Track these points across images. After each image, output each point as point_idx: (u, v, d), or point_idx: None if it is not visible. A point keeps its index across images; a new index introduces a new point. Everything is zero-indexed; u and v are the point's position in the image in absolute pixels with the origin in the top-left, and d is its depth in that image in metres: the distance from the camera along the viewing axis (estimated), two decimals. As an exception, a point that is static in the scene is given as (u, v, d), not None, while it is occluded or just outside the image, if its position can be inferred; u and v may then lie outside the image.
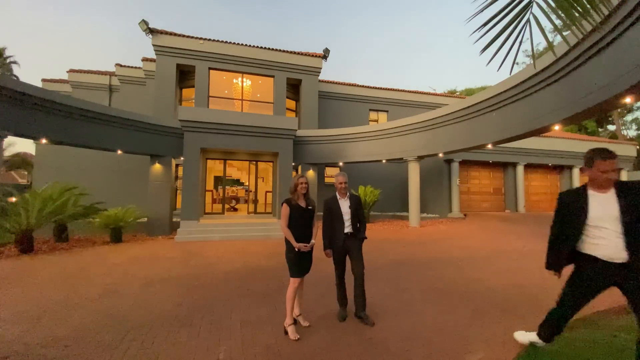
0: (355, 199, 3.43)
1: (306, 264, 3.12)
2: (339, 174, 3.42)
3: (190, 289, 4.35)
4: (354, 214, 3.34)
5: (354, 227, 3.34)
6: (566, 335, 2.85)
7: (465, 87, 36.98)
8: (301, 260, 3.06)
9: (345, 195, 3.40)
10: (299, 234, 3.06)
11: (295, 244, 2.99)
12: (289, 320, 2.96)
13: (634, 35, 4.33)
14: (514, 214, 14.06)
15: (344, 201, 3.38)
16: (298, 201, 3.14)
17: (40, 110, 7.35)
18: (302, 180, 3.18)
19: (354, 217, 3.34)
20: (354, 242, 3.29)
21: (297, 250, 3.00)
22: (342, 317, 3.28)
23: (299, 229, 3.08)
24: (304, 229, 3.11)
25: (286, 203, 3.10)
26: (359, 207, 3.41)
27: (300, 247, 2.99)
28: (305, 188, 3.17)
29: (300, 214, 3.11)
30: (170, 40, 11.63)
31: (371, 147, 11.65)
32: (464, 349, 2.71)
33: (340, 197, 3.41)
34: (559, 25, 1.64)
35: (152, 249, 7.48)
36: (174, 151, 10.19)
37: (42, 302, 3.78)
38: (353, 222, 3.34)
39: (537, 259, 6.22)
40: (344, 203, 3.38)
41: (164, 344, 2.77)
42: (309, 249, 3.07)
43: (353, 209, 3.35)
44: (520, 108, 7.15)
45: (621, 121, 27.14)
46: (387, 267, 5.60)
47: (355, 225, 3.36)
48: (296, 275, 3.05)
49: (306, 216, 3.14)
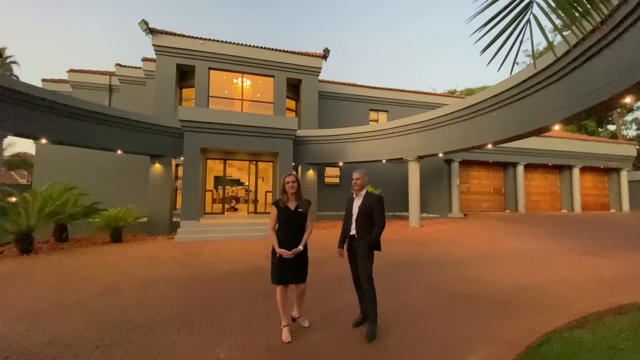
0: (369, 198, 3.09)
1: (288, 272, 2.84)
2: (356, 170, 3.21)
3: (190, 289, 4.35)
4: (362, 214, 3.04)
5: (360, 229, 3.03)
6: (566, 335, 2.85)
7: (466, 87, 36.98)
8: (283, 267, 2.80)
9: (360, 194, 3.16)
10: (285, 238, 2.83)
11: (277, 248, 2.78)
12: (282, 322, 2.89)
13: (633, 35, 4.33)
14: (514, 214, 14.06)
15: (357, 200, 3.16)
16: (288, 202, 2.90)
17: (40, 110, 7.34)
18: (289, 179, 2.90)
19: (362, 218, 3.03)
20: (360, 246, 3.01)
21: (278, 256, 2.79)
22: (355, 323, 3.12)
23: (286, 232, 2.85)
24: (293, 233, 2.86)
25: (274, 204, 2.93)
26: (374, 207, 3.03)
27: (282, 252, 2.75)
28: (294, 187, 2.89)
29: (288, 216, 2.87)
30: (170, 40, 11.63)
31: (371, 147, 11.65)
32: (464, 349, 2.70)
33: (355, 195, 3.20)
34: (559, 25, 1.64)
35: (152, 249, 7.47)
36: (174, 151, 10.19)
37: (42, 302, 3.78)
38: (359, 223, 3.04)
39: (538, 259, 6.23)
40: (356, 202, 3.16)
41: (164, 344, 2.77)
42: (291, 256, 2.76)
43: (362, 209, 3.05)
44: (520, 108, 7.15)
45: (621, 121, 27.14)
46: (387, 267, 5.60)
47: (363, 228, 3.02)
48: (275, 282, 2.84)
49: (295, 219, 2.87)
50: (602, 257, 6.27)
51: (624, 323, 3.06)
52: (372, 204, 3.03)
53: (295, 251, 2.78)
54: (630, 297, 3.91)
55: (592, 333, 2.90)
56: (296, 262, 2.83)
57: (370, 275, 2.96)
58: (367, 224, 3.01)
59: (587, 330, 2.96)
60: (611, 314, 3.39)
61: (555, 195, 16.69)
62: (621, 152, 16.35)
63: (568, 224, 10.92)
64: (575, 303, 3.75)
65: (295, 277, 2.88)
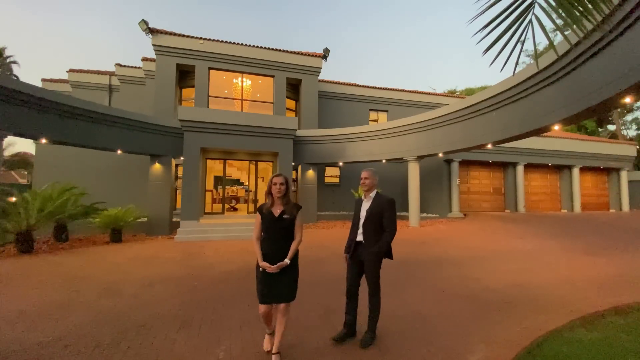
0: (380, 200, 2.79)
1: (272, 289, 2.41)
2: (365, 169, 2.91)
3: (190, 289, 4.35)
4: (371, 219, 2.75)
5: (367, 234, 2.74)
6: (565, 335, 2.85)
7: (466, 87, 36.98)
8: (266, 282, 2.40)
9: (369, 195, 2.87)
10: (269, 248, 2.44)
11: (260, 261, 2.42)
12: (266, 329, 2.68)
13: (633, 35, 4.33)
14: (513, 214, 14.06)
15: (365, 202, 2.87)
16: (272, 207, 2.53)
17: (40, 110, 7.34)
18: (277, 180, 2.51)
19: (370, 222, 2.75)
20: (368, 255, 2.73)
21: (261, 270, 2.42)
22: (337, 337, 2.75)
23: (271, 242, 2.47)
24: (278, 243, 2.47)
25: (258, 211, 2.56)
26: (384, 211, 2.73)
27: (264, 266, 2.38)
28: (282, 190, 2.49)
29: (272, 223, 2.48)
30: (170, 40, 11.63)
31: (371, 147, 11.66)
32: (464, 349, 2.70)
33: (364, 196, 2.91)
34: (561, 24, 1.64)
35: (152, 248, 7.47)
36: (174, 151, 10.19)
37: (42, 302, 3.78)
38: (367, 228, 2.75)
39: (537, 259, 6.23)
40: (364, 204, 2.86)
41: (164, 344, 2.77)
42: (275, 270, 2.37)
43: (371, 212, 2.76)
44: (520, 108, 7.15)
45: (621, 121, 27.15)
46: (387, 267, 5.57)
47: (371, 233, 2.73)
48: (259, 301, 2.44)
49: (279, 227, 2.48)
50: (602, 257, 6.28)
51: (624, 323, 3.07)
52: (382, 207, 2.74)
53: (281, 265, 2.39)
54: (630, 297, 3.91)
55: (591, 333, 2.90)
56: (282, 277, 2.42)
57: (378, 280, 2.77)
58: (375, 230, 2.74)
59: (586, 330, 2.96)
60: (611, 313, 3.39)
61: (555, 195, 16.69)
62: (621, 152, 16.36)
63: (568, 224, 10.93)
64: (574, 303, 3.75)
65: (279, 296, 2.42)
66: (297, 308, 3.60)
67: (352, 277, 2.84)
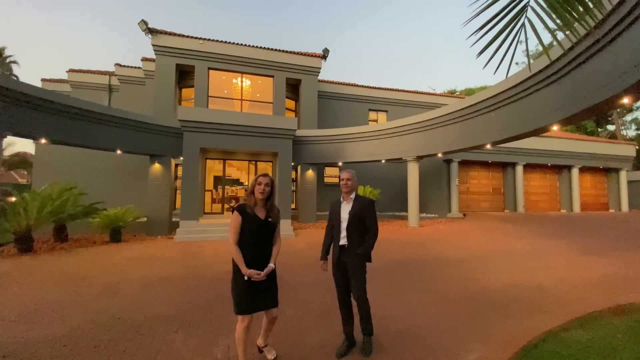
0: (361, 202, 2.73)
1: (260, 297, 2.29)
2: (344, 170, 2.82)
3: (189, 289, 4.37)
4: (353, 221, 2.67)
5: (351, 238, 2.66)
6: (563, 335, 2.87)
7: (465, 87, 36.99)
8: (252, 291, 2.24)
9: (349, 197, 2.77)
10: (253, 254, 2.28)
11: (244, 269, 2.21)
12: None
13: (632, 35, 4.34)
14: (513, 214, 14.07)
15: (345, 204, 2.77)
16: (255, 209, 2.35)
17: (40, 110, 7.34)
18: (262, 180, 2.36)
19: (353, 225, 2.67)
20: (352, 258, 2.64)
21: (246, 279, 2.22)
22: (341, 352, 2.61)
23: (254, 247, 2.29)
24: (261, 248, 2.33)
25: (237, 211, 2.32)
26: (365, 213, 2.68)
27: (251, 274, 2.20)
28: (267, 192, 2.35)
29: (256, 227, 2.31)
30: (169, 40, 11.63)
31: (371, 147, 11.66)
32: (462, 348, 2.72)
33: (344, 199, 2.80)
34: (553, 28, 1.65)
35: (151, 248, 7.49)
36: (174, 151, 10.20)
37: (41, 302, 3.79)
38: (351, 231, 2.66)
39: (536, 259, 6.24)
40: (345, 207, 2.76)
41: (163, 344, 2.79)
42: (263, 277, 2.25)
43: (354, 215, 2.67)
44: (519, 108, 7.16)
45: (620, 121, 27.16)
46: (386, 267, 5.62)
47: (355, 237, 2.66)
48: (243, 312, 2.24)
49: (264, 230, 2.34)
50: (601, 257, 6.29)
51: (622, 323, 3.08)
52: (365, 210, 2.69)
53: (268, 270, 2.28)
54: (628, 297, 3.93)
55: (589, 333, 2.91)
56: (267, 283, 2.32)
57: (364, 286, 2.65)
58: (359, 233, 2.67)
59: (584, 330, 2.97)
60: (609, 314, 3.40)
61: (554, 195, 16.70)
62: (620, 152, 16.36)
63: (567, 224, 10.94)
64: (572, 303, 3.77)
65: (267, 301, 2.34)
66: (296, 308, 3.63)
67: (341, 283, 2.74)
